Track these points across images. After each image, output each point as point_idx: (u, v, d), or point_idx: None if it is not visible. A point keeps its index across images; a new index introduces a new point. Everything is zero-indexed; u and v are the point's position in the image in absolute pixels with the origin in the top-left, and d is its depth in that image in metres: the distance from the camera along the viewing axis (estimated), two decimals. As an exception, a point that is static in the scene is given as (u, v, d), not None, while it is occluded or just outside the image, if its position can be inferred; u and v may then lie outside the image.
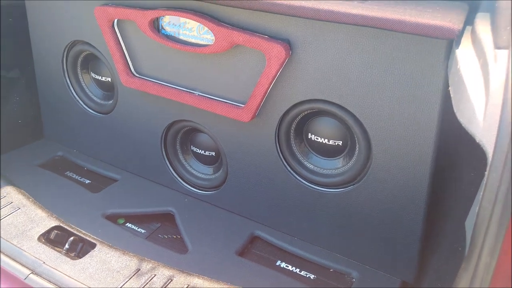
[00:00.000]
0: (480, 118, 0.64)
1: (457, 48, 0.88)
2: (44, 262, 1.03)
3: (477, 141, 0.64)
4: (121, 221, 1.44)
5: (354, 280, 1.23)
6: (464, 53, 0.84)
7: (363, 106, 1.10)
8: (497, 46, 0.71)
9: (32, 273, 1.01)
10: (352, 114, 1.13)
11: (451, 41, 0.93)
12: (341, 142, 1.23)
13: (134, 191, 1.54)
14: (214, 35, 1.19)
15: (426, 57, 0.98)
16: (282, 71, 1.16)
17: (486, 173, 0.60)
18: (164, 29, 1.32)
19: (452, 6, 1.04)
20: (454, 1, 1.08)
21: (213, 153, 1.48)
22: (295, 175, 1.28)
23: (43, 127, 1.83)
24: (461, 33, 0.91)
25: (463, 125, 0.69)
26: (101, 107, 1.64)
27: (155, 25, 1.32)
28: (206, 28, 1.22)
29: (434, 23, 0.91)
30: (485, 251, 0.57)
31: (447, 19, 0.93)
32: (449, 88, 0.85)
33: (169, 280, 1.01)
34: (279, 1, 1.05)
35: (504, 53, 0.67)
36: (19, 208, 1.21)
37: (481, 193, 0.60)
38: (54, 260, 1.04)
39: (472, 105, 0.68)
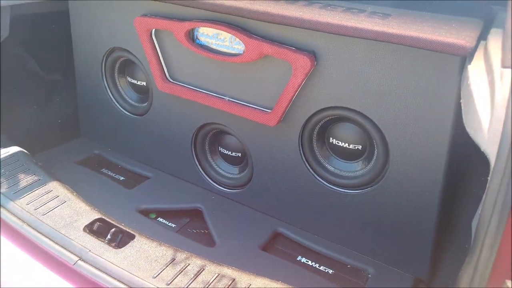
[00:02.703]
0: (485, 130, 0.72)
1: (469, 64, 0.96)
2: (90, 250, 1.15)
3: (482, 150, 0.72)
4: (152, 215, 1.55)
5: (370, 276, 1.31)
6: (475, 68, 0.92)
7: (382, 113, 1.19)
8: (503, 65, 0.79)
9: (80, 259, 1.13)
10: (372, 121, 1.22)
11: (464, 57, 1.01)
12: (360, 146, 1.31)
13: (165, 188, 1.66)
14: (245, 46, 1.30)
15: (441, 72, 1.06)
16: (307, 80, 1.25)
17: (489, 179, 0.68)
18: (199, 39, 1.43)
19: (467, 22, 1.12)
20: (470, 18, 1.16)
21: (239, 154, 1.59)
22: (317, 176, 1.38)
23: (80, 127, 1.96)
24: (474, 50, 0.99)
25: (470, 135, 0.77)
26: (136, 109, 1.76)
27: (190, 35, 1.43)
28: (237, 39, 1.33)
29: (449, 40, 0.99)
30: (485, 247, 0.66)
31: (461, 36, 1.01)
32: (461, 100, 0.93)
33: (202, 269, 1.11)
34: (307, 17, 1.15)
35: (508, 72, 0.76)
36: (65, 202, 1.33)
37: (484, 197, 0.68)
38: (99, 249, 1.15)
39: (479, 118, 0.76)
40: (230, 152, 1.60)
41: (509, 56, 0.77)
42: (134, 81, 1.75)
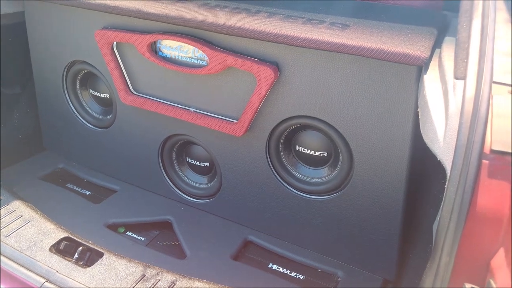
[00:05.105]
0: (440, 140, 0.76)
1: (425, 73, 1.00)
2: (57, 271, 1.12)
3: (438, 159, 0.75)
4: (121, 230, 1.52)
5: (340, 279, 1.34)
6: (430, 78, 0.96)
7: (344, 121, 1.22)
8: (456, 76, 0.83)
9: (47, 281, 1.10)
10: (335, 129, 1.25)
11: (420, 67, 1.05)
12: (326, 153, 1.34)
13: (133, 201, 1.63)
14: (209, 58, 1.30)
15: (399, 81, 1.10)
16: (271, 90, 1.27)
17: (446, 186, 0.72)
18: (162, 51, 1.42)
19: (422, 32, 1.17)
20: (424, 27, 1.20)
21: (207, 164, 1.58)
22: (285, 184, 1.39)
23: (44, 141, 1.90)
24: (429, 60, 1.03)
25: (427, 144, 0.81)
26: (100, 121, 1.72)
27: (153, 48, 1.42)
28: (201, 51, 1.32)
29: (405, 51, 1.03)
30: (444, 252, 0.69)
31: (417, 46, 1.05)
32: (418, 109, 0.97)
33: (173, 284, 1.11)
34: (269, 30, 1.16)
35: (461, 83, 0.80)
36: (29, 221, 1.29)
37: (442, 204, 0.72)
38: (66, 269, 1.13)
39: (435, 127, 0.79)
40: (198, 162, 1.59)
41: (462, 67, 0.80)
42: (97, 94, 1.71)
